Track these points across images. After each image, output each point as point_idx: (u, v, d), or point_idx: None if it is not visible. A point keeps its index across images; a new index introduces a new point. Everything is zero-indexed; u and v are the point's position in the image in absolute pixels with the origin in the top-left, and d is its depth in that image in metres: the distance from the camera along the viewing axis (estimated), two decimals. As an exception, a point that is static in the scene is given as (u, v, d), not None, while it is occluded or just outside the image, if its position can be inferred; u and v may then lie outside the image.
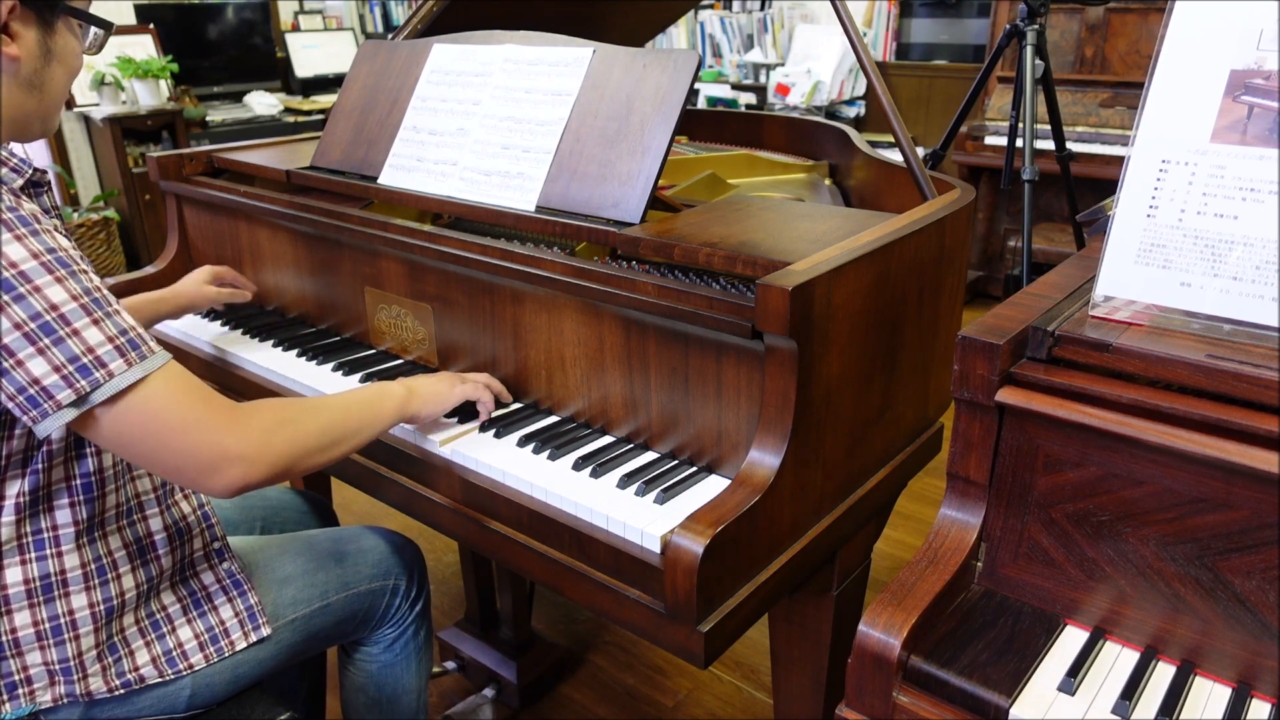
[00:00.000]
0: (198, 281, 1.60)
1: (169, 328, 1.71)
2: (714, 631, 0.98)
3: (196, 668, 1.11)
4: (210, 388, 0.99)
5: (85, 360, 0.88)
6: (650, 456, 1.19)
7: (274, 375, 1.50)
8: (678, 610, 0.97)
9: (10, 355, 0.86)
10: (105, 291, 0.92)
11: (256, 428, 0.98)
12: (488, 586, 2.01)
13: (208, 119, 4.99)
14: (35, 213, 0.90)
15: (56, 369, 0.87)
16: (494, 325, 1.33)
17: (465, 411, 1.29)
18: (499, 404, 1.33)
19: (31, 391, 0.87)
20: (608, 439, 1.24)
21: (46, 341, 0.87)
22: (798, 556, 1.09)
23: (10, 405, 0.89)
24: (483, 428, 1.27)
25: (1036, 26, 2.52)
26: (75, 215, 4.38)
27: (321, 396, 1.15)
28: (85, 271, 0.91)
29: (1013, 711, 0.82)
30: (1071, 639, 0.90)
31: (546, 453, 1.19)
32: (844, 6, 1.41)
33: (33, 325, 0.86)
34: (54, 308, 0.87)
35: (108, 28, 1.07)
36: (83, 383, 0.88)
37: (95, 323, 0.89)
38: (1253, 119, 0.84)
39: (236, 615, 1.16)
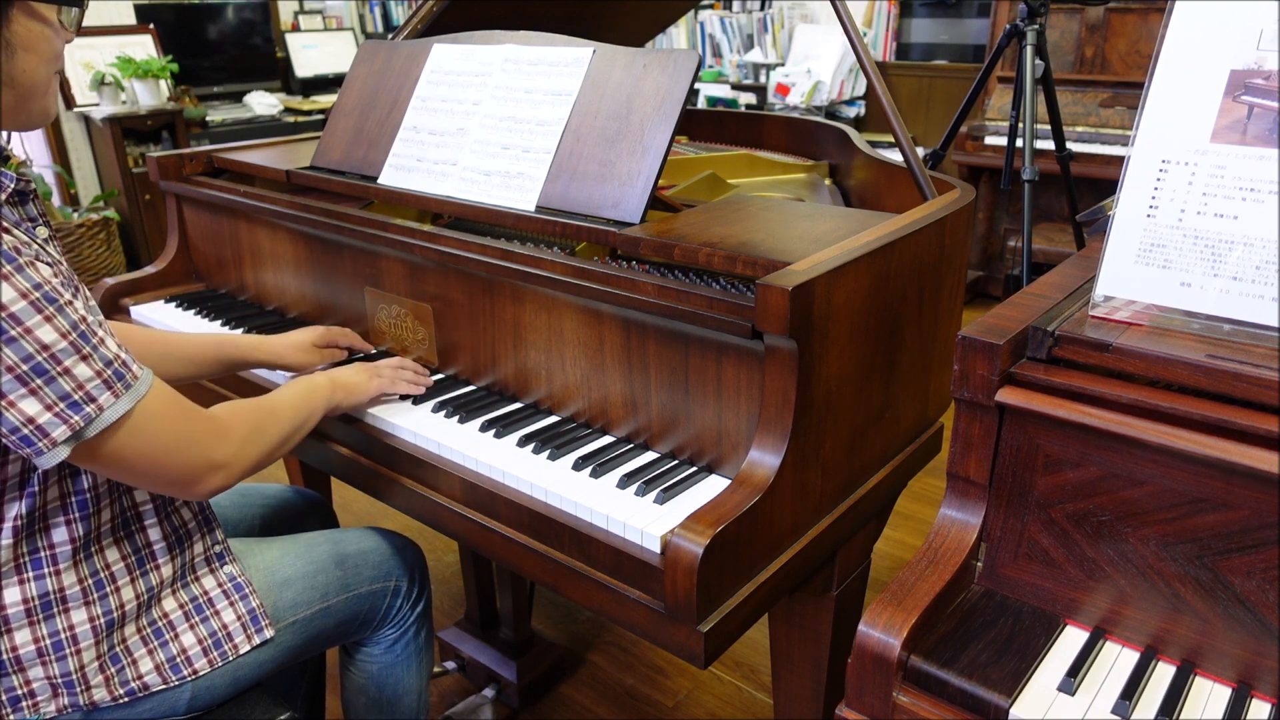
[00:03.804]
0: (303, 344, 1.44)
1: (162, 325, 1.71)
2: (714, 631, 0.98)
3: (201, 673, 1.11)
4: (187, 400, 1.02)
5: (76, 397, 0.89)
6: (650, 456, 1.19)
7: (275, 377, 1.49)
8: (678, 610, 0.97)
9: (2, 397, 0.87)
10: (88, 320, 0.92)
11: (236, 438, 1.06)
12: (488, 586, 2.01)
13: (208, 119, 4.99)
14: (16, 245, 0.88)
15: (49, 407, 0.88)
16: (494, 325, 1.33)
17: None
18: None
19: (25, 431, 0.88)
20: (608, 439, 1.24)
21: (39, 382, 0.88)
22: (798, 556, 1.09)
23: (6, 442, 0.90)
24: (482, 428, 1.27)
25: (1036, 26, 2.53)
26: (75, 215, 4.38)
27: (271, 397, 1.18)
28: (70, 302, 0.91)
29: (1013, 711, 0.82)
30: (1071, 639, 0.90)
31: (546, 453, 1.19)
32: (844, 6, 1.41)
33: (25, 367, 0.87)
34: (45, 348, 0.88)
35: (78, 3, 0.99)
36: (76, 418, 0.89)
37: (84, 359, 0.90)
38: (1253, 119, 0.84)
39: (239, 619, 1.15)
